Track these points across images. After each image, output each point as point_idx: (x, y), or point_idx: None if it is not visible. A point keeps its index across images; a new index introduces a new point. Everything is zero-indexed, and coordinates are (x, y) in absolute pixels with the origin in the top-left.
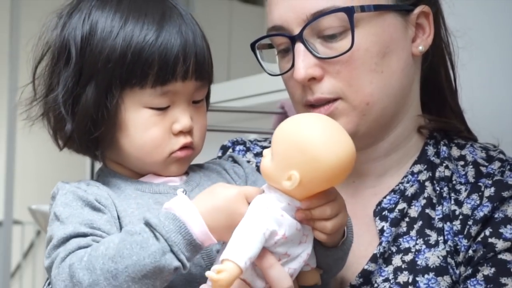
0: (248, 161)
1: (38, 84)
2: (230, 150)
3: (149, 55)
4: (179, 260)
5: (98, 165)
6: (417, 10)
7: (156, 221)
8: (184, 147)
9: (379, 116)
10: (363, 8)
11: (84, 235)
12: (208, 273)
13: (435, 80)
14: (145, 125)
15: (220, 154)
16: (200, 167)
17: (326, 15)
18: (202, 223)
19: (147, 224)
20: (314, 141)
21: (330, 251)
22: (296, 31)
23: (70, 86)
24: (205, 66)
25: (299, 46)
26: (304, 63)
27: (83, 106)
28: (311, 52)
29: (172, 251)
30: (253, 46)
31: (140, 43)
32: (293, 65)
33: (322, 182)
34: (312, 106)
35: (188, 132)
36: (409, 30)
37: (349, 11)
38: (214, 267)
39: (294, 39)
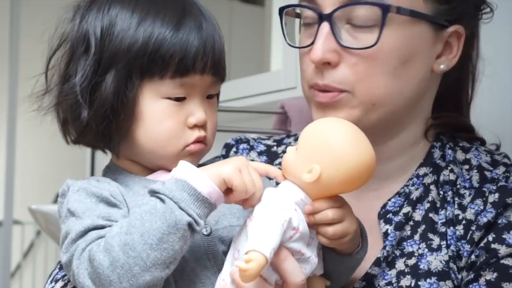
0: (252, 160)
1: (51, 75)
2: (234, 148)
3: (170, 46)
4: (189, 215)
5: (98, 165)
6: (452, 28)
7: (158, 186)
8: (197, 141)
9: (381, 119)
10: (399, 10)
11: (102, 227)
12: (237, 263)
13: (455, 98)
14: (162, 116)
15: (224, 153)
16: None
17: (362, 4)
18: (203, 176)
19: (152, 192)
20: (341, 141)
21: (344, 258)
22: (328, 9)
23: (89, 74)
24: (222, 62)
25: (325, 26)
26: (324, 45)
27: (103, 94)
28: (334, 36)
29: (180, 207)
30: (281, 11)
31: (162, 34)
32: (313, 42)
33: (340, 183)
34: (319, 89)
35: (202, 126)
36: (437, 45)
37: (385, 8)
38: (245, 256)
39: (322, 17)
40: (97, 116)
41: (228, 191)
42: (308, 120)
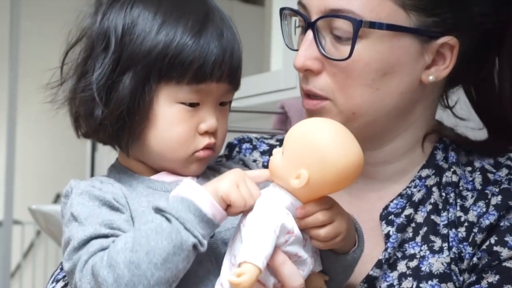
0: (255, 160)
1: (67, 69)
2: (237, 148)
3: (191, 52)
4: (195, 236)
5: (98, 165)
6: (442, 40)
7: (164, 205)
8: (206, 148)
9: (364, 127)
10: (373, 25)
11: (105, 236)
12: (229, 278)
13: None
14: (174, 120)
15: (226, 153)
16: (210, 168)
17: (337, 17)
18: (208, 197)
19: (157, 210)
20: (326, 143)
21: (340, 257)
22: (314, 17)
23: (107, 72)
24: (239, 71)
25: (309, 34)
26: (306, 52)
27: (120, 94)
28: (317, 44)
29: (186, 228)
30: (281, 12)
31: (184, 40)
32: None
33: (329, 184)
34: (306, 95)
35: (213, 133)
36: (425, 56)
37: (356, 23)
38: (233, 271)
39: (308, 24)
40: (112, 116)
41: (227, 205)
42: None
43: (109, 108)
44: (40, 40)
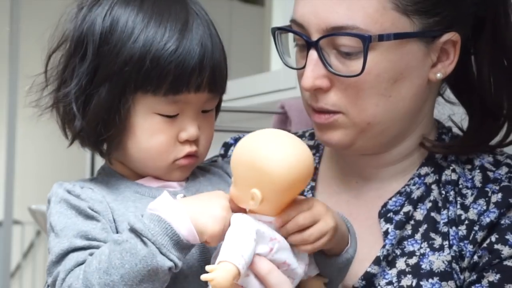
0: None
1: (50, 75)
2: (233, 147)
3: (167, 64)
4: (170, 260)
5: (98, 165)
6: (445, 37)
7: (141, 225)
8: (188, 155)
9: (379, 135)
10: (381, 37)
11: (81, 248)
12: (202, 276)
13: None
14: (153, 131)
15: (222, 152)
16: (201, 169)
17: (343, 35)
18: (188, 223)
19: (132, 230)
20: (263, 156)
21: (333, 259)
22: (314, 36)
23: (83, 83)
24: (219, 79)
25: (313, 54)
26: (313, 72)
27: (95, 106)
28: (323, 63)
29: (161, 253)
30: (273, 31)
31: (160, 51)
32: (304, 66)
33: (284, 194)
34: (314, 110)
35: (194, 141)
36: (431, 55)
37: (364, 38)
38: (207, 267)
39: (310, 44)
40: (89, 128)
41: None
42: (308, 120)
43: (86, 120)
44: (41, 40)
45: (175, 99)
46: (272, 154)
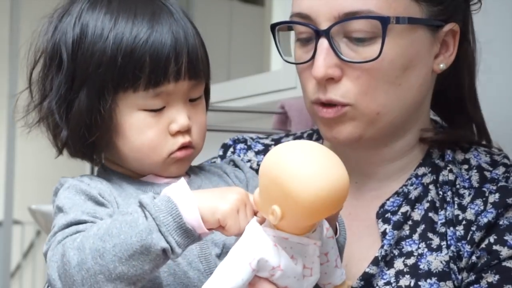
0: (249, 160)
1: (34, 91)
2: (231, 148)
3: (139, 57)
4: (167, 241)
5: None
6: (447, 27)
7: (148, 201)
8: (183, 147)
9: (387, 126)
10: (398, 20)
11: (85, 222)
12: None
13: (457, 90)
14: (141, 127)
15: (221, 153)
16: (201, 169)
17: (359, 18)
18: (195, 209)
19: (140, 204)
20: (290, 175)
21: None
22: (324, 25)
23: (63, 92)
24: (199, 64)
25: (324, 42)
26: (325, 61)
27: (76, 112)
28: (334, 51)
29: (160, 231)
30: (273, 28)
31: (130, 45)
32: (312, 58)
33: (308, 218)
34: (322, 104)
35: (186, 131)
36: (435, 46)
37: (384, 20)
38: None
39: (319, 33)
40: (74, 135)
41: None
42: (308, 120)
43: (69, 128)
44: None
45: (157, 92)
46: (299, 172)
